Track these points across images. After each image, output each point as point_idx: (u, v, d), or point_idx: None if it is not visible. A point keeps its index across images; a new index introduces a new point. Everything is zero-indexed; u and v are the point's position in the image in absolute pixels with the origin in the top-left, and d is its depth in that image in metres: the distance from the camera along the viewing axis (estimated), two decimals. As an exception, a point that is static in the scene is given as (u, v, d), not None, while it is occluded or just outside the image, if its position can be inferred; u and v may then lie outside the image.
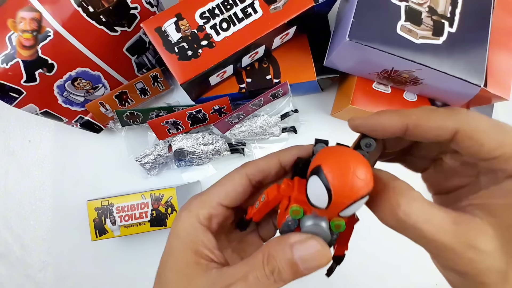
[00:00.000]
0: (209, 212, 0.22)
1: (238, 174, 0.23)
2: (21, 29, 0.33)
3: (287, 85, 0.44)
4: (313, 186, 0.16)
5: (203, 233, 0.22)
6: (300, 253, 0.18)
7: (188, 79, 0.37)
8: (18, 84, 0.37)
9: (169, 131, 0.46)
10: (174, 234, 0.22)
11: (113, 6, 0.37)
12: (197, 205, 0.22)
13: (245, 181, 0.23)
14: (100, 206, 0.46)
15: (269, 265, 0.19)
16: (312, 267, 0.18)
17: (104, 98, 0.43)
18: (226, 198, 0.22)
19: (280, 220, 0.20)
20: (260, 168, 0.23)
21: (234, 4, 0.37)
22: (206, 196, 0.23)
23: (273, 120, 0.48)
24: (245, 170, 0.23)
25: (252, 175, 0.23)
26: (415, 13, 0.35)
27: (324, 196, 0.16)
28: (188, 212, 0.22)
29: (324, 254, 0.18)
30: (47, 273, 0.51)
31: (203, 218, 0.22)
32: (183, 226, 0.22)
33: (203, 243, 0.21)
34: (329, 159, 0.16)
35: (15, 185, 0.52)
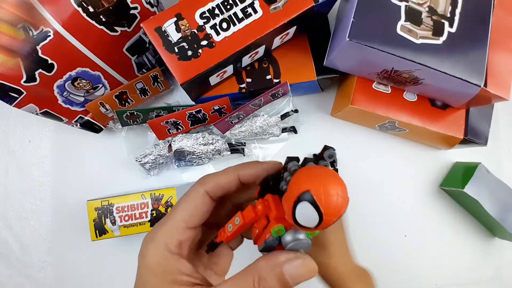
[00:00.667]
0: (177, 239, 0.22)
1: (198, 194, 0.23)
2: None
3: (287, 85, 0.44)
4: (303, 212, 0.17)
5: (176, 262, 0.21)
6: (291, 272, 0.19)
7: (188, 79, 0.37)
8: (18, 84, 0.37)
9: (169, 131, 0.46)
10: (145, 268, 0.21)
11: (113, 6, 0.37)
12: (163, 235, 0.22)
13: (207, 200, 0.23)
14: (100, 206, 0.46)
15: (261, 287, 0.19)
16: (301, 281, 0.19)
17: (104, 98, 0.43)
18: (192, 221, 0.22)
19: (259, 238, 0.21)
20: (220, 185, 0.23)
21: (234, 4, 0.37)
22: (170, 223, 0.22)
23: (273, 120, 0.48)
24: (203, 188, 0.23)
25: (212, 192, 0.23)
26: (415, 13, 0.35)
27: (315, 219, 0.17)
28: (154, 245, 0.22)
29: (312, 269, 0.19)
30: (47, 273, 0.51)
31: (172, 247, 0.21)
32: (153, 260, 0.21)
33: (179, 271, 0.21)
34: (314, 183, 0.17)
35: (15, 185, 0.52)
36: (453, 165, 0.53)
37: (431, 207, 0.53)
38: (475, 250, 0.53)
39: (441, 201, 0.53)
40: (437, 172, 0.53)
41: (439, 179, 0.53)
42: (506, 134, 0.54)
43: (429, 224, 0.53)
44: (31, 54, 0.35)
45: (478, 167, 0.47)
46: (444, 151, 0.53)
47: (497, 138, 0.54)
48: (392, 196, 0.52)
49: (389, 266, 0.51)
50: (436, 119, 0.44)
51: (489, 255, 0.53)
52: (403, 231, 0.52)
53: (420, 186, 0.53)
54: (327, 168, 0.19)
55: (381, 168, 0.53)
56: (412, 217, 0.53)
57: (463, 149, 0.52)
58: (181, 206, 0.23)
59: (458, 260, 0.53)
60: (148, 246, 0.22)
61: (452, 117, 0.45)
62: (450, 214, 0.53)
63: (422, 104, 0.45)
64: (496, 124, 0.53)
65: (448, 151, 0.53)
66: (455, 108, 0.45)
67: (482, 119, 0.45)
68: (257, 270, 0.19)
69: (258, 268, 0.19)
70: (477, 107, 0.45)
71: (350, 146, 0.52)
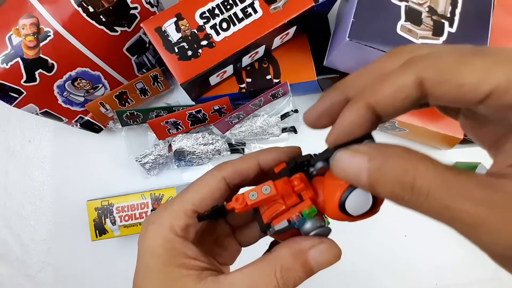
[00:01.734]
0: (185, 222, 0.20)
1: (214, 178, 0.21)
2: (24, 34, 0.35)
3: (287, 85, 0.44)
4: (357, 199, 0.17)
5: (182, 245, 0.20)
6: (316, 258, 0.18)
7: (188, 79, 0.37)
8: (18, 84, 0.37)
9: (169, 131, 0.46)
10: (146, 251, 0.20)
11: (113, 6, 0.37)
12: (170, 216, 0.20)
13: (222, 185, 0.21)
14: (100, 206, 0.46)
15: (284, 278, 0.18)
16: (325, 267, 0.18)
17: (104, 98, 0.43)
18: (202, 205, 0.20)
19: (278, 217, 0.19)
20: (238, 171, 0.21)
21: (234, 4, 0.37)
22: (179, 205, 0.20)
23: (273, 120, 0.48)
24: (221, 173, 0.21)
25: (230, 178, 0.21)
26: (415, 13, 0.35)
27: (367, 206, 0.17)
28: (158, 226, 0.20)
29: (338, 254, 0.18)
30: (47, 273, 0.51)
31: (179, 230, 0.20)
32: (157, 242, 0.19)
33: (185, 254, 0.19)
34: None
35: (15, 185, 0.52)
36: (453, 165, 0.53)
37: (431, 207, 0.53)
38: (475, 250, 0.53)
39: (441, 201, 0.53)
40: (437, 172, 0.53)
41: (439, 179, 0.53)
42: (506, 134, 0.54)
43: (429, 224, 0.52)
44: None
45: (478, 167, 0.47)
46: (444, 151, 0.53)
47: (497, 138, 0.54)
48: (392, 196, 0.52)
49: (389, 266, 0.51)
50: (436, 119, 0.44)
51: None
52: (403, 231, 0.52)
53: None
54: None
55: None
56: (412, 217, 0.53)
57: (463, 149, 0.52)
58: (193, 188, 0.21)
59: (458, 260, 0.53)
60: (150, 227, 0.20)
61: (452, 117, 0.45)
62: (450, 214, 0.53)
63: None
64: (496, 124, 0.53)
65: (448, 151, 0.53)
66: (455, 108, 0.45)
67: (482, 119, 0.45)
68: (279, 260, 0.18)
69: (279, 257, 0.18)
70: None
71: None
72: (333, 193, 0.17)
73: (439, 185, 0.13)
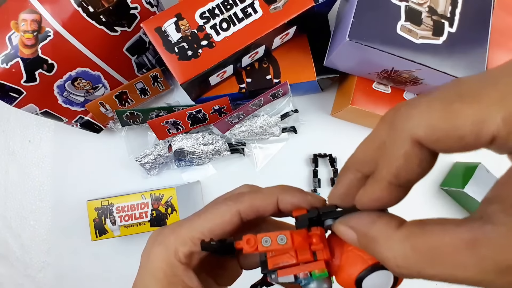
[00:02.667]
0: (190, 249, 0.19)
1: (229, 211, 0.19)
2: (23, 29, 0.34)
3: (287, 85, 0.44)
4: (378, 280, 0.16)
5: (183, 273, 0.19)
6: None
7: (188, 79, 0.37)
8: (18, 84, 0.37)
9: (169, 131, 0.46)
10: (148, 272, 0.19)
11: (113, 6, 0.37)
12: (176, 241, 0.19)
13: (236, 219, 0.19)
14: (100, 206, 0.46)
15: None
16: None
17: (104, 98, 0.43)
18: (211, 236, 0.19)
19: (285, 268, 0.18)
20: (254, 207, 0.20)
21: (234, 4, 0.37)
22: (187, 230, 0.19)
23: (273, 120, 0.48)
24: (237, 207, 0.19)
25: (245, 213, 0.20)
26: (415, 13, 0.35)
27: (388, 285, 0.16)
28: (163, 248, 0.19)
29: None
30: (47, 273, 0.51)
31: (183, 256, 0.19)
32: (159, 266, 0.19)
33: (184, 283, 0.19)
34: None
35: (15, 185, 0.52)
36: (453, 165, 0.53)
37: (431, 207, 0.53)
38: (475, 250, 0.53)
39: (441, 201, 0.53)
40: (437, 172, 0.53)
41: (439, 179, 0.53)
42: (506, 134, 0.54)
43: (429, 224, 0.53)
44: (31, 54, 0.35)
45: (478, 167, 0.47)
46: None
47: (497, 138, 0.54)
48: (392, 196, 0.52)
49: (389, 266, 0.51)
50: (436, 119, 0.44)
51: (489, 255, 0.53)
52: (403, 231, 0.52)
53: (420, 186, 0.53)
54: None
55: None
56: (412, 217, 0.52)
57: (463, 149, 0.52)
58: (206, 216, 0.20)
59: (458, 260, 0.53)
60: (155, 248, 0.20)
61: (452, 117, 0.45)
62: (450, 214, 0.53)
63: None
64: (496, 124, 0.53)
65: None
66: (455, 108, 0.45)
67: (482, 119, 0.45)
68: None
69: None
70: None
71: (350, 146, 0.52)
72: (353, 265, 0.17)
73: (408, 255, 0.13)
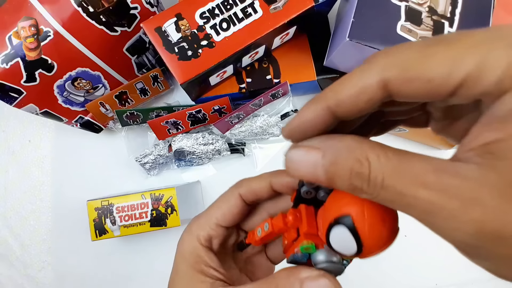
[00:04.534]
0: (208, 233, 0.23)
1: (232, 195, 0.23)
2: (24, 36, 0.35)
3: (287, 85, 0.44)
4: (340, 237, 0.15)
5: (205, 253, 0.22)
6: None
7: (188, 79, 0.37)
8: (18, 84, 0.37)
9: (169, 131, 0.46)
10: (179, 254, 0.23)
11: (113, 6, 0.37)
12: (197, 227, 0.23)
13: (239, 202, 0.23)
14: (100, 206, 0.46)
15: None
16: None
17: (104, 98, 0.43)
18: (223, 219, 0.23)
19: (288, 250, 0.19)
20: (252, 190, 0.23)
21: (234, 4, 0.37)
22: (205, 218, 0.23)
23: (273, 120, 0.48)
24: (238, 191, 0.23)
25: (245, 196, 0.23)
26: (415, 13, 0.35)
27: (352, 248, 0.15)
28: (189, 234, 0.23)
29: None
30: (47, 273, 0.51)
31: (203, 239, 0.23)
32: (187, 248, 0.23)
33: (206, 262, 0.22)
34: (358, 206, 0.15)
35: (15, 185, 0.52)
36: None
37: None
38: (475, 250, 0.53)
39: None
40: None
41: (439, 179, 0.53)
42: (506, 134, 0.54)
43: (429, 224, 0.53)
44: (31, 54, 0.36)
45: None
46: (444, 151, 0.53)
47: (497, 138, 0.54)
48: (392, 196, 0.52)
49: (389, 266, 0.51)
50: (436, 119, 0.44)
51: (489, 255, 0.53)
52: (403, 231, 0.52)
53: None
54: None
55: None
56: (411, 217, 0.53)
57: (463, 149, 0.52)
58: (217, 204, 0.23)
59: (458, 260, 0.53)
60: (184, 235, 0.23)
61: (452, 117, 0.45)
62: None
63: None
64: (496, 124, 0.53)
65: (448, 151, 0.53)
66: (455, 108, 0.45)
67: (482, 119, 0.45)
68: (276, 281, 0.18)
69: (278, 278, 0.18)
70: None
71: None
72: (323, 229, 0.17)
73: (391, 173, 0.13)
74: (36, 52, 0.36)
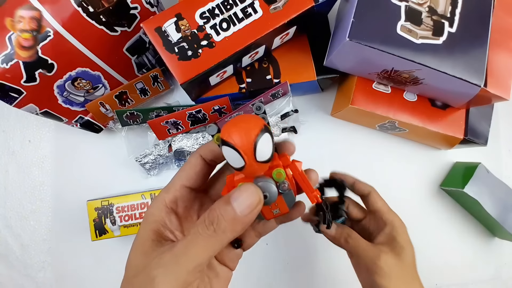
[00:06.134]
0: (173, 195, 0.24)
1: (193, 156, 0.25)
2: (20, 28, 0.33)
3: (287, 85, 0.44)
4: (227, 154, 0.20)
5: (166, 215, 0.24)
6: (235, 198, 0.20)
7: (188, 79, 0.37)
8: (18, 84, 0.37)
9: (169, 131, 0.46)
10: (143, 220, 0.24)
11: (113, 6, 0.37)
12: (164, 192, 0.25)
13: (200, 161, 0.25)
14: (100, 206, 0.46)
15: (209, 216, 0.20)
16: (245, 207, 0.20)
17: (104, 98, 0.43)
18: (188, 179, 0.25)
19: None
20: (210, 148, 0.25)
21: (234, 4, 0.37)
22: (171, 183, 0.25)
23: (273, 120, 0.48)
24: (198, 152, 0.25)
25: (205, 154, 0.25)
26: (415, 13, 0.35)
27: (235, 154, 0.20)
28: (155, 200, 0.25)
29: (254, 193, 0.20)
30: (47, 273, 0.51)
31: (168, 201, 0.24)
32: (150, 211, 0.24)
33: (164, 223, 0.23)
34: (223, 131, 0.20)
35: (15, 185, 0.52)
36: (453, 165, 0.53)
37: (431, 207, 0.53)
38: (475, 250, 0.53)
39: (441, 201, 0.53)
40: (437, 172, 0.53)
41: (439, 179, 0.53)
42: (506, 134, 0.54)
43: (429, 224, 0.53)
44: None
45: (478, 167, 0.47)
46: (444, 151, 0.53)
47: (497, 138, 0.54)
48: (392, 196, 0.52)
49: (389, 266, 0.51)
50: (436, 119, 0.44)
51: (489, 255, 0.53)
52: (403, 231, 0.52)
53: (420, 186, 0.53)
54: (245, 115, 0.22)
55: (381, 168, 0.53)
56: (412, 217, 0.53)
57: (463, 149, 0.52)
58: (181, 168, 0.25)
59: (458, 260, 0.53)
60: (152, 202, 0.25)
61: (452, 117, 0.45)
62: (450, 214, 0.53)
63: (422, 104, 0.45)
64: (496, 124, 0.53)
65: (448, 151, 0.53)
66: (455, 108, 0.45)
67: (482, 119, 0.45)
68: (213, 206, 0.21)
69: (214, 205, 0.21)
70: (477, 107, 0.45)
71: (350, 146, 0.52)
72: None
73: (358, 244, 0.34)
74: (29, 53, 0.33)
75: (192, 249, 0.20)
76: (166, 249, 0.21)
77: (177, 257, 0.20)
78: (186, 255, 0.20)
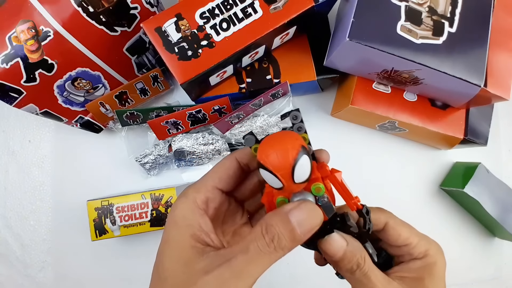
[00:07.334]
0: (205, 195, 0.23)
1: (228, 159, 0.24)
2: (24, 39, 0.35)
3: (287, 85, 0.44)
4: (265, 176, 0.20)
5: (200, 216, 0.22)
6: (296, 217, 0.20)
7: (188, 79, 0.37)
8: (18, 84, 0.37)
9: (169, 131, 0.46)
10: (171, 221, 0.22)
11: (113, 6, 0.37)
12: (193, 191, 0.23)
13: (235, 164, 0.24)
14: (100, 206, 0.46)
15: (268, 233, 0.19)
16: (308, 228, 0.20)
17: (104, 98, 0.43)
18: (220, 182, 0.24)
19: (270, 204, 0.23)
20: (247, 151, 0.24)
21: (234, 4, 0.37)
22: (201, 182, 0.24)
23: (273, 120, 0.48)
24: (234, 154, 0.25)
25: (240, 158, 0.24)
26: (415, 13, 0.35)
27: (273, 178, 0.19)
28: (184, 198, 0.23)
29: (317, 214, 0.20)
30: (47, 273, 0.51)
31: (200, 202, 0.23)
32: (180, 212, 0.22)
33: (199, 226, 0.22)
34: (259, 153, 0.20)
35: (15, 185, 0.52)
36: (453, 165, 0.53)
37: (431, 207, 0.53)
38: (475, 250, 0.53)
39: (441, 201, 0.53)
40: (437, 172, 0.53)
41: (439, 179, 0.53)
42: (506, 134, 0.54)
43: (429, 224, 0.52)
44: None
45: (478, 167, 0.47)
46: (444, 151, 0.53)
47: (497, 138, 0.54)
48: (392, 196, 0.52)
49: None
50: (436, 119, 0.44)
51: (489, 255, 0.53)
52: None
53: (420, 186, 0.53)
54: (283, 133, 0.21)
55: (381, 168, 0.53)
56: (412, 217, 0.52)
57: (463, 149, 0.52)
58: (213, 169, 0.24)
59: (458, 260, 0.53)
60: (178, 200, 0.23)
61: (452, 117, 0.45)
62: (450, 214, 0.53)
63: (422, 104, 0.45)
64: (496, 124, 0.53)
65: (448, 151, 0.53)
66: (455, 108, 0.45)
67: (482, 119, 0.45)
68: (265, 220, 0.20)
69: (266, 218, 0.20)
70: (477, 107, 0.45)
71: (350, 146, 0.52)
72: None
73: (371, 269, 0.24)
74: (38, 53, 0.36)
75: (253, 266, 0.19)
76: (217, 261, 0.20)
77: (239, 273, 0.19)
78: (247, 272, 0.19)
